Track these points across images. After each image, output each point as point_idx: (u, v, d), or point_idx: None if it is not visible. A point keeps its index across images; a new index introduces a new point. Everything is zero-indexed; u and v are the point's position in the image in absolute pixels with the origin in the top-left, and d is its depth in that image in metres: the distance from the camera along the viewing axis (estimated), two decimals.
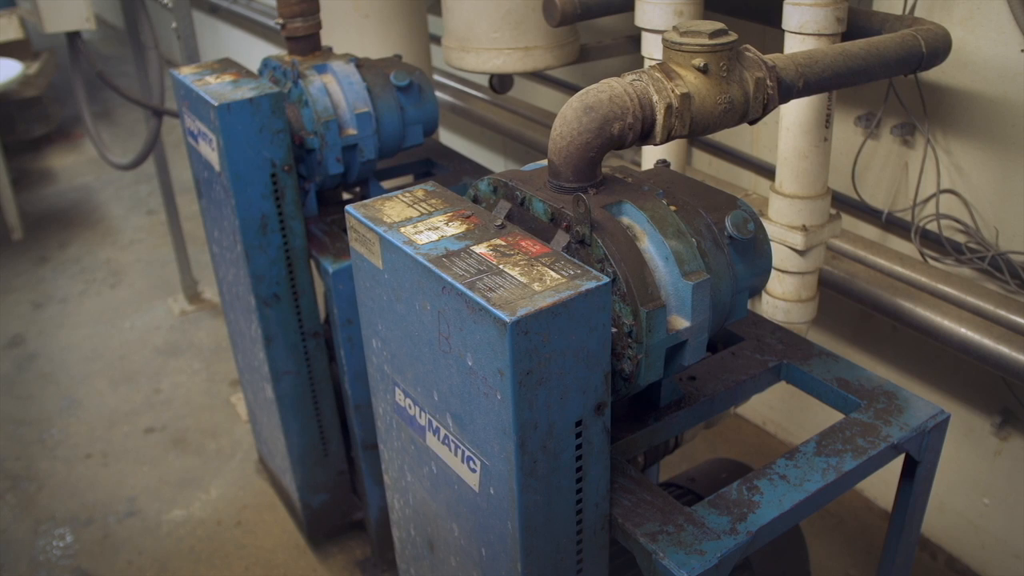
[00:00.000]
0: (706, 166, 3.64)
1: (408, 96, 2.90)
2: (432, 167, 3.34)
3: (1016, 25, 2.52)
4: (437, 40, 3.81)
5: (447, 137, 5.27)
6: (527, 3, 3.01)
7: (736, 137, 3.45)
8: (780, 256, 2.49)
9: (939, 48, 2.22)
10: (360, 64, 2.87)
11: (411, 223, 1.59)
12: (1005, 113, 2.64)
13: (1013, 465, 3.02)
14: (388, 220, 1.61)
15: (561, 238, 1.58)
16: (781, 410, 3.87)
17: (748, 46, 1.76)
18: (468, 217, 1.59)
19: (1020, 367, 2.53)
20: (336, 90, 2.81)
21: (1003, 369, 2.57)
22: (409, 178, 3.39)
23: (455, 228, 1.55)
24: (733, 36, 1.68)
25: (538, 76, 4.26)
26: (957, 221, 2.82)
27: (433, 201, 1.67)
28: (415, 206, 1.65)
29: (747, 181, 3.47)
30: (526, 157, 4.65)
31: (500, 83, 3.44)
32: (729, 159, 3.52)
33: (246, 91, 2.58)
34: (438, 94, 4.49)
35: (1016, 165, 2.67)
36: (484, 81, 4.13)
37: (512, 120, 4.20)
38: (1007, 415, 2.99)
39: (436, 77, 4.66)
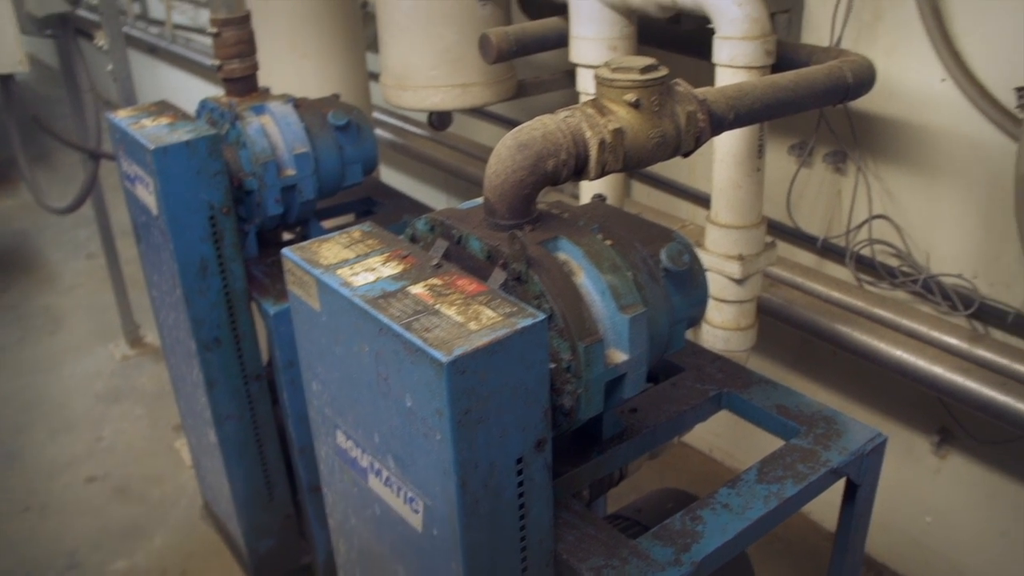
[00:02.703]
0: (645, 197, 3.68)
1: (347, 135, 2.90)
2: (373, 205, 3.34)
3: (936, 56, 2.59)
4: (376, 77, 3.83)
5: (388, 174, 5.28)
6: (464, 40, 3.04)
7: (674, 168, 3.50)
8: (718, 285, 2.52)
9: (865, 79, 2.28)
10: (298, 104, 2.87)
11: (348, 265, 1.59)
12: (930, 140, 2.71)
13: (953, 483, 3.07)
14: (325, 262, 1.60)
15: (498, 275, 1.58)
16: (727, 437, 3.90)
17: (679, 80, 1.79)
18: (405, 257, 1.59)
19: (954, 387, 2.59)
20: (274, 131, 2.80)
21: (938, 389, 2.63)
22: (350, 217, 3.38)
23: (392, 269, 1.55)
24: (664, 71, 1.70)
25: (478, 112, 4.29)
26: (890, 246, 2.88)
27: (370, 242, 1.67)
28: (352, 247, 1.65)
29: (685, 211, 3.51)
30: (468, 192, 4.67)
31: (439, 120, 3.46)
32: (667, 190, 3.57)
33: (182, 134, 2.57)
34: (378, 131, 4.50)
35: (943, 190, 2.74)
36: (424, 118, 4.14)
37: (452, 156, 4.22)
38: (945, 434, 3.05)
39: (376, 114, 4.67)
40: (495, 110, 4.24)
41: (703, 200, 3.40)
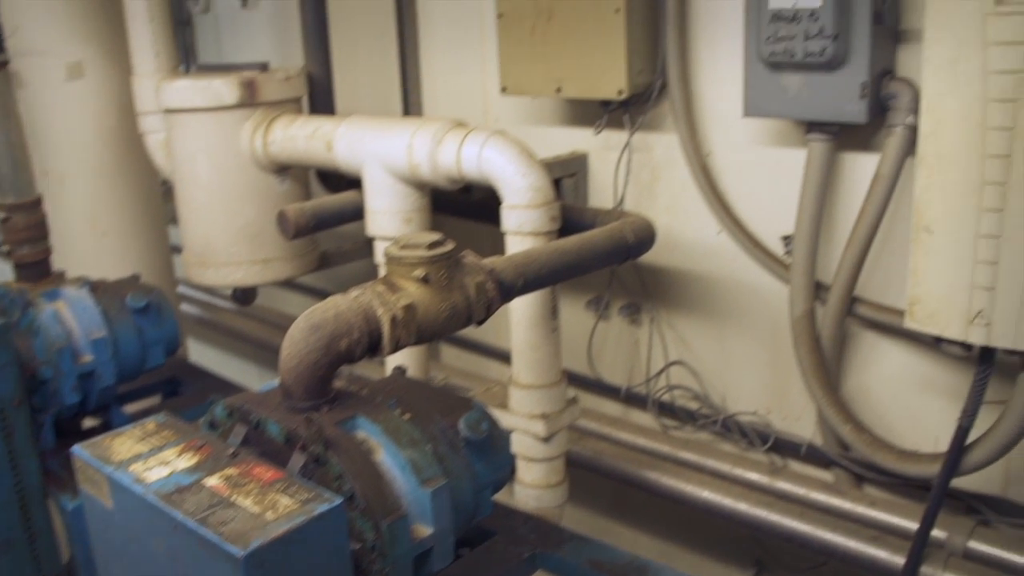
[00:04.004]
0: (454, 359, 3.75)
1: (146, 317, 2.84)
2: (178, 386, 3.26)
3: (711, 210, 2.80)
4: (181, 250, 3.81)
5: (197, 349, 5.16)
6: (263, 216, 3.07)
7: (480, 329, 3.58)
8: (525, 444, 2.57)
9: (645, 238, 2.43)
10: (95, 287, 2.81)
11: (141, 459, 1.55)
12: (713, 287, 2.90)
13: None
14: (117, 458, 1.56)
15: (298, 459, 1.57)
16: None
17: (468, 252, 1.87)
18: (200, 448, 1.57)
19: (760, 521, 2.70)
20: (69, 316, 2.72)
21: (746, 525, 2.73)
22: (156, 399, 3.28)
23: (187, 461, 1.52)
24: (451, 246, 1.78)
25: (285, 283, 4.30)
26: (688, 390, 3.03)
27: (165, 433, 1.63)
28: (146, 440, 1.61)
29: (495, 371, 3.58)
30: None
31: (243, 295, 3.44)
32: (476, 351, 3.64)
33: None
34: (184, 307, 4.44)
35: (729, 332, 2.92)
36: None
37: (261, 329, 4.20)
38: (761, 566, 3.15)
39: (181, 289, 4.60)
40: (303, 280, 4.25)
41: (510, 359, 3.49)
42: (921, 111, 2.13)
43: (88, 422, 3.01)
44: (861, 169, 2.56)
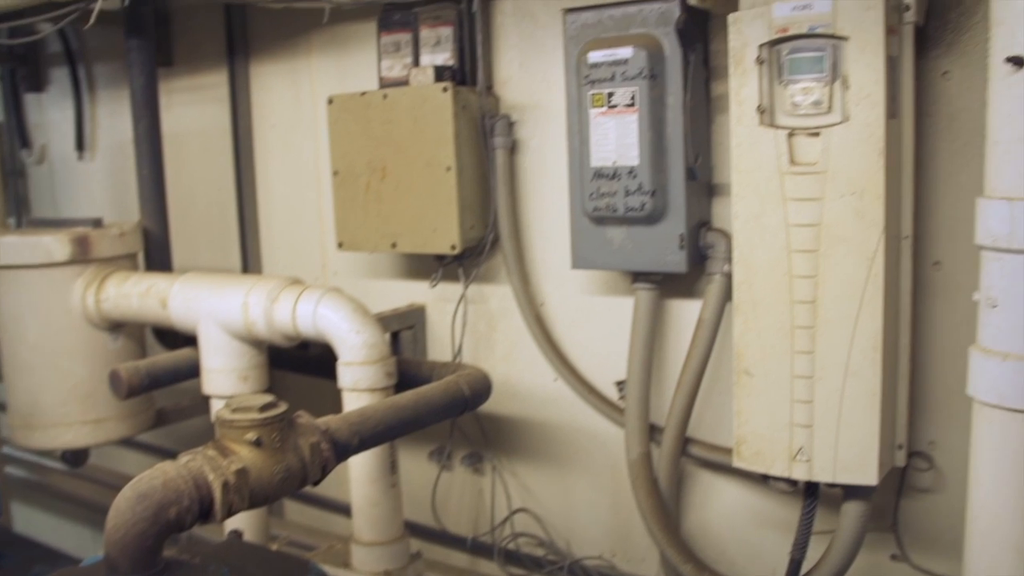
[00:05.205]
0: (298, 515, 3.67)
1: None
2: None
3: (546, 358, 2.88)
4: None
5: (26, 514, 4.85)
6: (94, 375, 2.99)
7: (323, 482, 3.53)
8: None
9: (480, 390, 2.47)
10: None
11: None
12: (552, 434, 2.96)
13: None
14: None
15: None
16: None
17: (301, 412, 1.87)
18: None
19: None
20: None
21: None
22: None
23: None
24: (283, 407, 1.78)
25: (121, 442, 4.14)
26: (533, 537, 3.04)
27: None
28: None
29: (340, 525, 3.52)
30: None
31: (74, 457, 3.31)
32: (319, 506, 3.58)
33: None
34: (10, 469, 4.21)
35: (571, 478, 2.97)
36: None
37: (95, 491, 4.02)
38: None
39: (7, 449, 4.36)
40: (140, 438, 4.10)
41: None
42: (734, 261, 2.27)
43: None
44: (686, 315, 2.68)
